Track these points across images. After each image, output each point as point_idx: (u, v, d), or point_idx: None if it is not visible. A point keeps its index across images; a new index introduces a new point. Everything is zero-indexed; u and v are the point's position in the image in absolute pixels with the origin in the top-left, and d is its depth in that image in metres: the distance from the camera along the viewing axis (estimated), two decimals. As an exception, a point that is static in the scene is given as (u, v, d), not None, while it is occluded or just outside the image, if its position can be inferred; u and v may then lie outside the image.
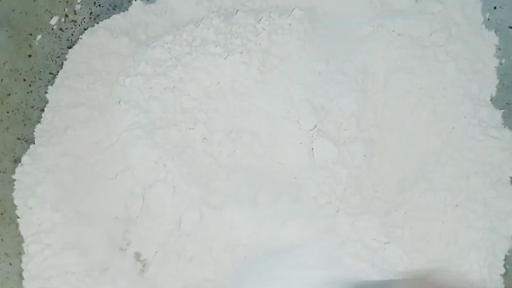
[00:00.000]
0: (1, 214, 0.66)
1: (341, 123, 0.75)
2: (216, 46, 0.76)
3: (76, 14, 0.80)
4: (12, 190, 0.68)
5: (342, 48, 0.79)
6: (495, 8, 0.83)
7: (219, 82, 0.76)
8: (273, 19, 0.79)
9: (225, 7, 0.85)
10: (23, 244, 0.66)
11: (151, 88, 0.74)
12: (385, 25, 0.79)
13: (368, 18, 0.81)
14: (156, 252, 0.68)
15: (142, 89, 0.74)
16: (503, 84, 0.81)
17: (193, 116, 0.73)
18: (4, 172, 0.69)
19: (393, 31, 0.79)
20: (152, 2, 0.87)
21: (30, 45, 0.75)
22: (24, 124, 0.73)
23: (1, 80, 0.71)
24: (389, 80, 0.78)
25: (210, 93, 0.75)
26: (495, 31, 0.83)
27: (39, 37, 0.76)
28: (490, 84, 0.81)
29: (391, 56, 0.78)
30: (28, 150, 0.72)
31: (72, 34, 0.80)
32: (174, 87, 0.74)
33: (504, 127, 0.79)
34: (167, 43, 0.77)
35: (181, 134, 0.73)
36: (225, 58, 0.76)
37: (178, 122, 0.73)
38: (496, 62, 0.82)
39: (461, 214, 0.72)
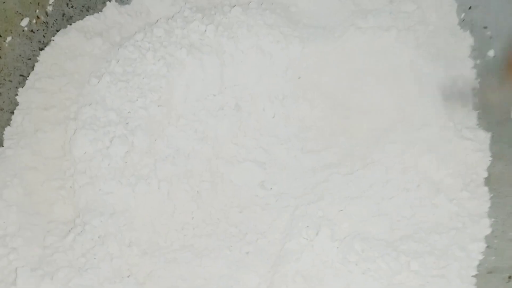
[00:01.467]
0: (-32, 217, 0.66)
1: None
2: (186, 43, 0.76)
3: (48, 15, 0.80)
4: (-21, 193, 0.68)
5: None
6: (470, 8, 0.83)
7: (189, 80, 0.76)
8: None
9: (200, 6, 0.85)
10: (-11, 248, 0.65)
11: (120, 87, 0.73)
12: (356, 24, 0.79)
13: (341, 18, 0.81)
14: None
15: (111, 88, 0.73)
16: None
17: (161, 113, 0.73)
18: (-28, 175, 0.68)
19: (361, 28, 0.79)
20: (126, 3, 0.87)
21: (0, 47, 0.74)
22: (-7, 127, 0.73)
23: (-30, 82, 0.70)
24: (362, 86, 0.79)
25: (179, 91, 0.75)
26: (470, 32, 0.83)
27: (9, 38, 0.76)
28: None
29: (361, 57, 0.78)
30: (-3, 153, 0.71)
31: (43, 36, 0.80)
32: (143, 86, 0.74)
33: (479, 128, 0.78)
34: (137, 41, 0.77)
35: (150, 132, 0.72)
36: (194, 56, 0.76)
37: (147, 120, 0.73)
38: (471, 62, 0.82)
39: (434, 214, 0.72)
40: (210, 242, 0.67)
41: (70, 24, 0.82)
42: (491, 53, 0.79)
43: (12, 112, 0.75)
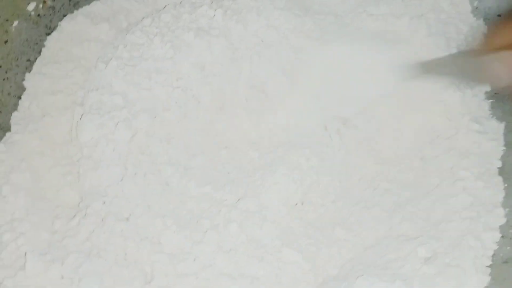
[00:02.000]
0: (-25, 202, 0.65)
1: None
2: (193, 27, 0.75)
3: (54, 0, 0.79)
4: (-13, 178, 0.67)
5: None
6: (483, -5, 0.82)
7: (196, 64, 0.75)
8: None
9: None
10: (-3, 233, 0.64)
11: (127, 72, 0.72)
12: (368, 11, 0.78)
13: (353, 5, 0.79)
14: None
15: (118, 73, 0.72)
16: (492, 74, 0.79)
17: (168, 101, 0.72)
18: (-21, 161, 0.67)
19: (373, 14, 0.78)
20: (134, -12, 0.85)
21: (7, 31, 0.73)
22: (0, 112, 0.72)
23: (-24, 66, 0.69)
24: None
25: (185, 76, 0.74)
26: (483, 20, 0.82)
27: (15, 23, 0.74)
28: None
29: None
30: (4, 138, 0.70)
31: (50, 21, 0.79)
32: (150, 71, 0.72)
33: (492, 117, 0.77)
34: (145, 26, 0.76)
35: (154, 114, 0.71)
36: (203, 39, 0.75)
37: (153, 106, 0.72)
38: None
39: (449, 204, 0.71)
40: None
41: (77, 9, 0.81)
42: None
43: (19, 97, 0.74)
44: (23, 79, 0.75)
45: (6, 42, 0.73)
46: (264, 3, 0.79)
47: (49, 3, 0.78)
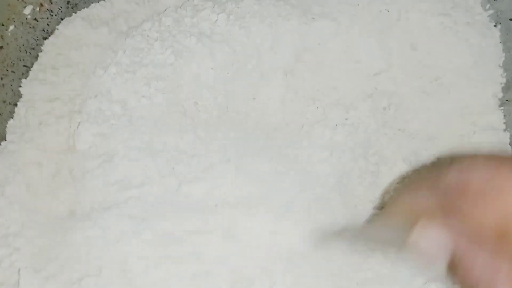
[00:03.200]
0: (-30, 214, 0.63)
1: None
2: (195, 31, 0.73)
3: (52, 3, 0.77)
4: (-19, 189, 0.65)
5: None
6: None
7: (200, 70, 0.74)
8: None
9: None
10: (-9, 247, 0.62)
11: (126, 78, 0.70)
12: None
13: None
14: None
15: (117, 80, 0.70)
16: (505, 81, 0.77)
17: (166, 102, 0.71)
18: (-27, 171, 0.66)
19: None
20: (134, -9, 0.83)
21: (2, 36, 0.71)
22: (-5, 120, 0.70)
23: (-29, 73, 0.67)
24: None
25: (186, 84, 0.72)
26: (495, 24, 0.79)
27: (11, 27, 0.72)
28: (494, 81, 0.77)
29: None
30: (-1, 147, 0.69)
31: (47, 25, 0.76)
32: (150, 77, 0.70)
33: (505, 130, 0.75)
34: (145, 30, 0.74)
35: (157, 124, 0.69)
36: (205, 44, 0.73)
37: (150, 109, 0.70)
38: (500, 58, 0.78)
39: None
40: None
41: (75, 12, 0.79)
42: (519, 46, 0.75)
43: (15, 105, 0.72)
44: (20, 86, 0.73)
45: (1, 47, 0.71)
46: (268, 8, 0.76)
47: (46, 6, 0.76)
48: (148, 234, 0.59)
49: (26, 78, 0.73)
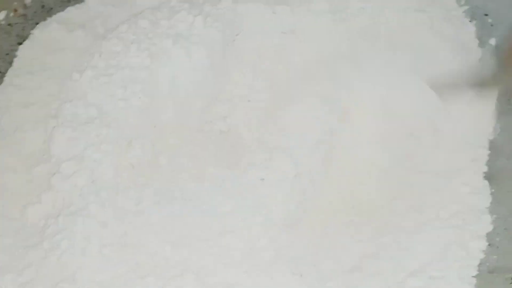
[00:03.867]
0: None
1: None
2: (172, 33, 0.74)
3: (26, 7, 0.77)
4: (-46, 198, 0.65)
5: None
6: (469, -5, 0.80)
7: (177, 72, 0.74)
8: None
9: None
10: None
11: (103, 82, 0.70)
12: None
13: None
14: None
15: (93, 83, 0.70)
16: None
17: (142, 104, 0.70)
18: None
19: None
20: (110, -7, 0.83)
21: (-25, 42, 0.71)
22: (-30, 127, 0.70)
23: None
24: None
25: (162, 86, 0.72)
26: (471, 20, 0.80)
27: (-15, 33, 0.72)
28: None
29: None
30: (-27, 155, 0.68)
31: (22, 29, 0.77)
32: (127, 80, 0.71)
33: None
34: (121, 33, 0.74)
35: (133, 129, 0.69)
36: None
37: (127, 117, 0.70)
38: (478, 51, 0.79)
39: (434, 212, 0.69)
40: None
41: (51, 16, 0.79)
42: (492, 41, 0.76)
43: (-10, 111, 0.72)
44: (-6, 92, 0.73)
45: (-25, 53, 0.71)
46: (248, 9, 0.77)
47: (20, 11, 0.76)
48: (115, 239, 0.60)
49: (0, 84, 0.74)
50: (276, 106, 0.74)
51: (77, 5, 0.81)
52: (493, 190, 0.69)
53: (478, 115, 0.75)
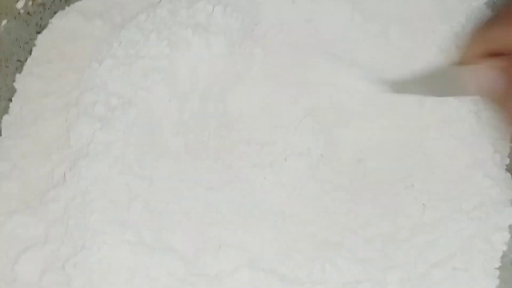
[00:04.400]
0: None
1: None
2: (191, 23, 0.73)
3: (45, -4, 0.76)
4: (-23, 185, 0.65)
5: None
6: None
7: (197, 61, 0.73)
8: None
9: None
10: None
11: (123, 71, 0.70)
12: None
13: None
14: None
15: (113, 72, 0.70)
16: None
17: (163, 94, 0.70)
18: (-31, 167, 0.66)
19: None
20: (127, -18, 0.82)
21: (-5, 31, 0.71)
22: (-10, 116, 0.70)
23: (-36, 68, 0.67)
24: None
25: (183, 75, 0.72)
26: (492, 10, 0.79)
27: (4, 22, 0.73)
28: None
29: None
30: (-6, 143, 0.69)
31: (41, 18, 0.76)
32: (147, 69, 0.70)
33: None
34: (140, 22, 0.74)
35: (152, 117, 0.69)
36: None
37: (149, 106, 0.69)
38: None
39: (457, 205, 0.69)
40: None
41: (69, 5, 0.78)
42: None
43: (10, 100, 0.72)
44: (14, 81, 0.73)
45: (-6, 42, 0.71)
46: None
47: (38, 0, 0.76)
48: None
49: (20, 73, 0.73)
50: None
51: (95, -6, 0.81)
52: (515, 182, 0.69)
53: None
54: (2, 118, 0.70)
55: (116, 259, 0.60)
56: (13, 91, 0.72)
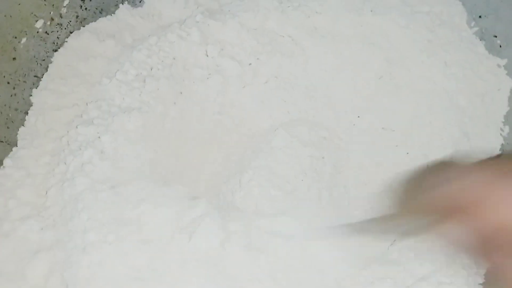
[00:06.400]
0: (-18, 215, 0.66)
1: None
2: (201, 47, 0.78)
3: (62, 17, 0.81)
4: (-6, 192, 0.68)
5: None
6: (480, 17, 0.84)
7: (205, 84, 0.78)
8: None
9: (211, 9, 0.86)
10: (2, 247, 0.65)
11: (132, 87, 0.73)
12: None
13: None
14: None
15: (122, 88, 0.74)
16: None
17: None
18: (-14, 174, 0.69)
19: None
20: (139, 6, 0.87)
21: (15, 48, 0.75)
22: (8, 127, 0.73)
23: (-15, 83, 0.71)
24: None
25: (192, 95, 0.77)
26: (480, 40, 0.83)
27: (24, 40, 0.76)
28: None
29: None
30: (11, 152, 0.72)
31: (57, 37, 0.80)
32: (156, 90, 0.74)
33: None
34: (151, 45, 0.78)
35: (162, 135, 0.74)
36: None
37: (162, 125, 0.74)
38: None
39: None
40: None
41: (84, 26, 0.83)
42: (501, 62, 0.79)
43: (26, 113, 0.75)
44: (30, 95, 0.76)
45: (14, 59, 0.75)
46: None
47: (56, 20, 0.80)
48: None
49: (36, 88, 0.77)
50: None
51: (108, 16, 0.85)
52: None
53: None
54: (18, 129, 0.74)
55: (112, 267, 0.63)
56: (29, 104, 0.76)
